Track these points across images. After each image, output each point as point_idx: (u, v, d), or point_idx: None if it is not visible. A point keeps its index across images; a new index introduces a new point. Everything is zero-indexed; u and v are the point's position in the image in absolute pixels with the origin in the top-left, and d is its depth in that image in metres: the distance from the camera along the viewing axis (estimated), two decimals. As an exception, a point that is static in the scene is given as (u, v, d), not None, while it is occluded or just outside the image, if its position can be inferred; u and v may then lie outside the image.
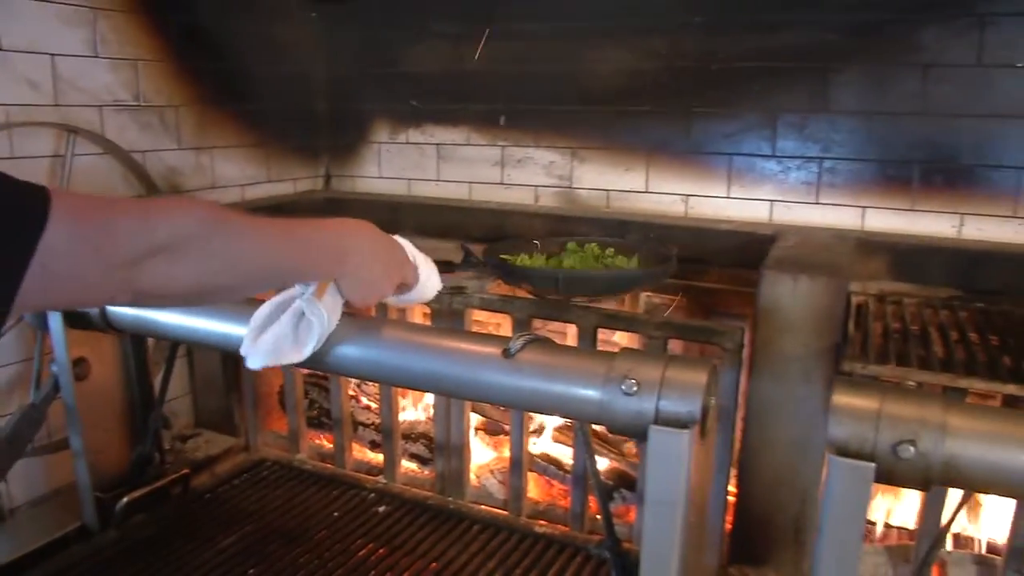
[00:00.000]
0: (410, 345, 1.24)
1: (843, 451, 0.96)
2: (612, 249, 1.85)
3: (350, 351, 1.23)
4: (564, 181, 2.37)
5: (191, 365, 2.33)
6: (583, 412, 1.12)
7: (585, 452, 1.22)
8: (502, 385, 1.16)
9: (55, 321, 1.62)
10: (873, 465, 0.93)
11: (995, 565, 1.47)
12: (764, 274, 1.43)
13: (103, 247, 0.76)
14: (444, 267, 1.72)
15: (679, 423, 1.04)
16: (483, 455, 2.12)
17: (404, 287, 1.22)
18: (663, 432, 1.03)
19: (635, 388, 1.06)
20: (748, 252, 1.92)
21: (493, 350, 1.18)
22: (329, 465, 2.13)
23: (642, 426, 1.06)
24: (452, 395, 1.71)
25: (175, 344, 1.80)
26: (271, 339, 1.13)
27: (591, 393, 1.10)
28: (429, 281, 1.27)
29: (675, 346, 1.68)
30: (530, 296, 1.75)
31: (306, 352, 1.14)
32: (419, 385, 1.28)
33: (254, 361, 1.13)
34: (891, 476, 0.95)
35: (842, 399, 0.99)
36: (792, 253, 1.60)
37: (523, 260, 1.79)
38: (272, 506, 1.92)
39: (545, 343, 1.19)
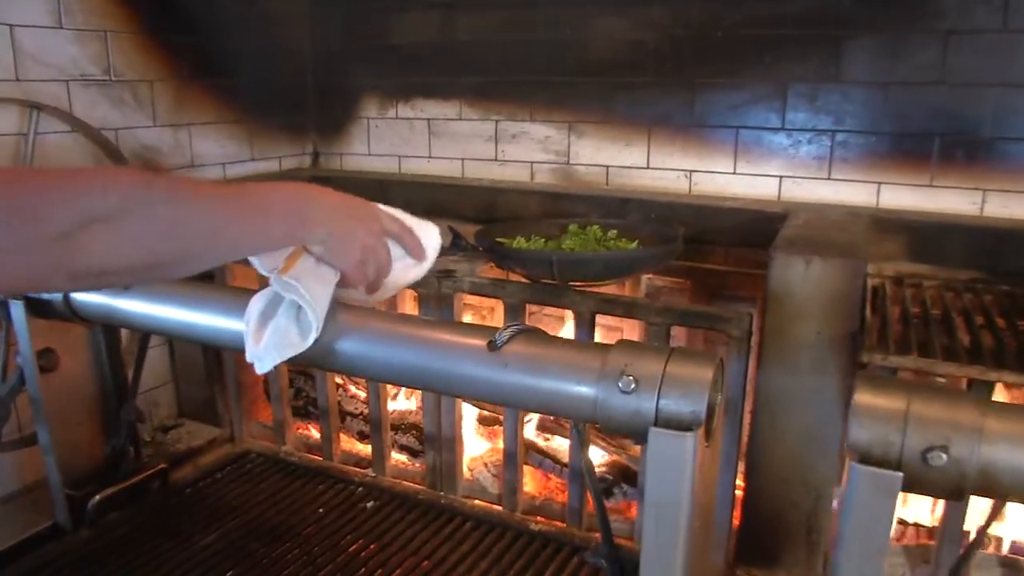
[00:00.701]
0: (387, 335, 1.14)
1: (866, 457, 0.86)
2: (615, 232, 1.74)
3: (320, 341, 1.13)
4: (561, 157, 2.25)
5: (172, 352, 2.24)
6: (576, 411, 1.02)
7: (580, 452, 1.13)
8: (487, 380, 1.06)
9: (17, 310, 1.53)
10: (900, 475, 0.83)
11: (1022, 568, 1.37)
12: (774, 256, 1.33)
13: (29, 217, 0.70)
14: None
15: (682, 424, 0.94)
16: (476, 446, 2.03)
17: (399, 241, 1.10)
18: (664, 435, 0.93)
19: (633, 385, 0.96)
20: (756, 231, 1.82)
21: (478, 342, 1.08)
22: (316, 457, 2.04)
23: (641, 427, 0.96)
24: (432, 390, 1.61)
25: (146, 333, 1.70)
26: (273, 334, 1.04)
27: (584, 390, 1.00)
28: (424, 233, 1.15)
29: (678, 333, 1.57)
30: (524, 280, 1.65)
31: (311, 338, 1.04)
32: (396, 379, 1.18)
33: (263, 363, 1.04)
34: (920, 485, 0.85)
35: (864, 398, 0.89)
36: (803, 232, 1.49)
37: (519, 243, 1.68)
38: (255, 501, 1.84)
39: (535, 334, 1.09)
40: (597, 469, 1.78)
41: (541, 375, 1.03)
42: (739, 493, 1.59)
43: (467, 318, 2.31)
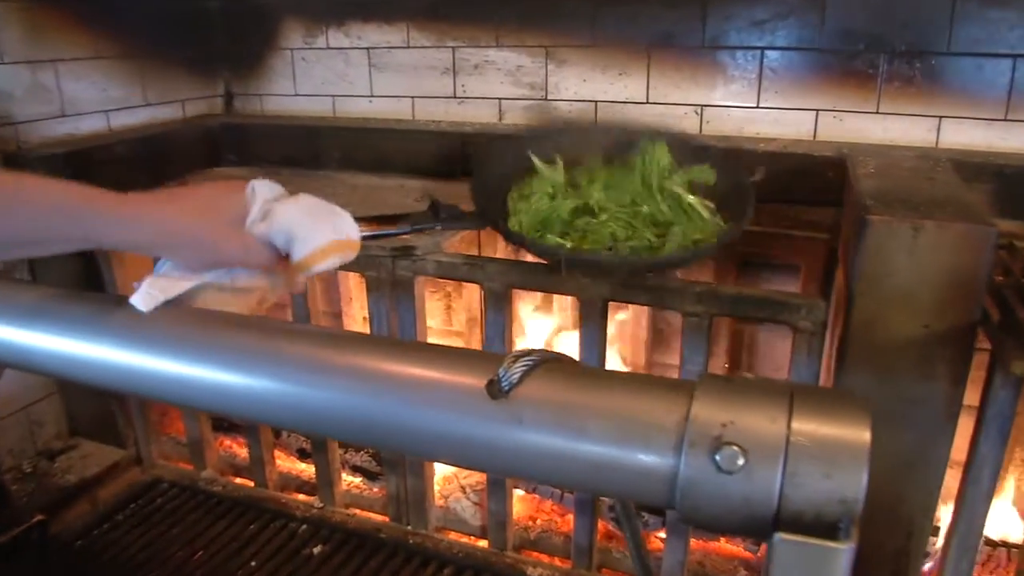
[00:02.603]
0: (323, 370, 0.77)
1: None
2: (683, 177, 1.26)
3: (215, 376, 0.76)
4: (537, 91, 1.86)
5: (54, 355, 1.80)
6: (638, 492, 0.67)
7: (627, 532, 0.78)
8: (490, 445, 0.70)
9: None
10: None
11: None
12: (869, 221, 0.98)
13: None
14: (387, 222, 1.22)
15: (821, 524, 0.59)
16: (449, 460, 1.67)
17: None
18: (799, 547, 0.58)
19: (741, 460, 0.60)
20: (798, 181, 1.48)
21: (470, 381, 0.71)
22: (246, 483, 1.67)
23: (754, 527, 0.61)
24: (403, 452, 1.24)
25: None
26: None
27: (653, 462, 0.65)
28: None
29: (720, 325, 1.23)
30: (510, 257, 1.27)
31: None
32: (343, 435, 0.81)
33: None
34: None
35: None
36: (887, 186, 1.15)
37: (539, 201, 1.21)
38: (167, 553, 1.46)
39: (562, 367, 0.72)
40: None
41: (579, 438, 0.67)
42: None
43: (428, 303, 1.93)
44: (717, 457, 0.61)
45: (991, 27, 1.46)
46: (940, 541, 1.25)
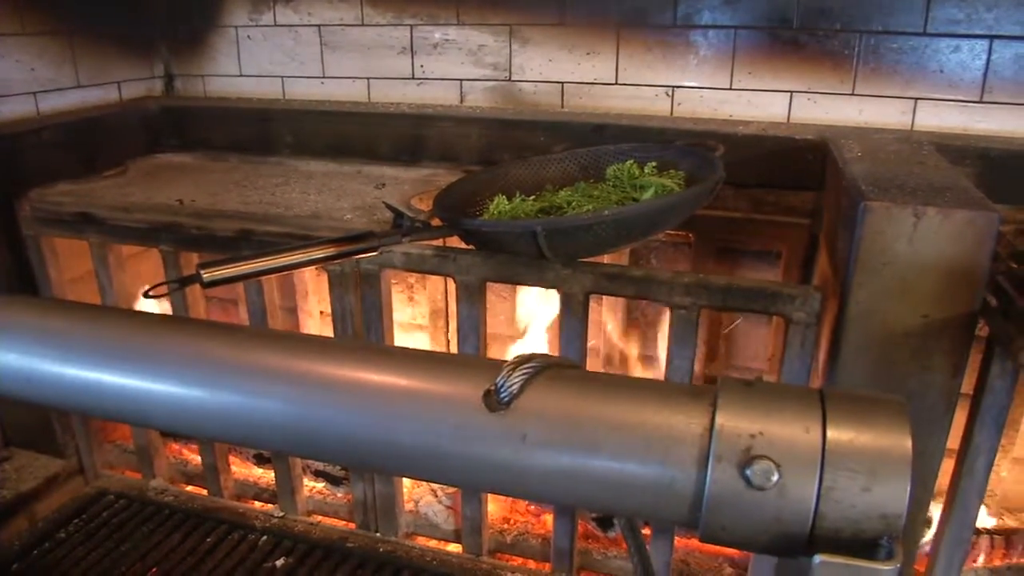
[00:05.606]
0: (295, 381, 0.70)
1: None
2: (653, 164, 1.30)
3: (174, 392, 0.69)
4: (500, 72, 1.79)
5: (-18, 359, 1.67)
6: (657, 512, 0.62)
7: (632, 547, 0.73)
8: (488, 463, 0.65)
9: None
10: None
11: None
12: (868, 207, 0.95)
13: None
14: (352, 241, 1.10)
15: (860, 544, 0.56)
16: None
17: None
18: (842, 569, 0.54)
19: (775, 476, 0.56)
20: (779, 165, 1.45)
21: (466, 393, 0.65)
22: (199, 492, 1.57)
23: (787, 546, 0.57)
24: (389, 473, 1.18)
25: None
26: None
27: (673, 477, 0.60)
28: None
29: (705, 318, 1.18)
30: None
31: None
32: (318, 455, 0.74)
33: None
34: None
35: None
36: (878, 171, 1.12)
37: (499, 204, 1.22)
38: (116, 573, 1.37)
39: (565, 376, 0.67)
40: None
41: (591, 454, 0.62)
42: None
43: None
44: (748, 472, 0.56)
45: (968, 7, 1.44)
46: (930, 533, 1.24)
